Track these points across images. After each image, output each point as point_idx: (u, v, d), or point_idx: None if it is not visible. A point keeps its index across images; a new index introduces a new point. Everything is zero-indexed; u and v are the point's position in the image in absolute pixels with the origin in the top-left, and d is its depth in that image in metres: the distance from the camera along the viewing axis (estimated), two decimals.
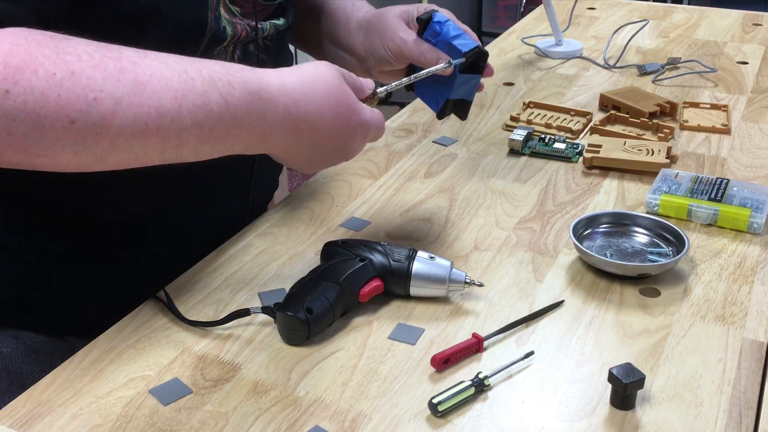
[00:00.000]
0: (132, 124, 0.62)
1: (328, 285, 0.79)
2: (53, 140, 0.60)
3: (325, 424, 0.68)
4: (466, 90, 0.92)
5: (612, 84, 1.42)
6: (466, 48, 0.89)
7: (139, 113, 0.62)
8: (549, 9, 1.54)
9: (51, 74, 0.59)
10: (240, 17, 0.86)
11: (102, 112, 0.60)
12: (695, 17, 1.80)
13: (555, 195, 1.05)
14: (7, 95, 0.57)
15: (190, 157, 0.68)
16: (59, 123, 0.59)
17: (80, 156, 0.61)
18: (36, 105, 0.58)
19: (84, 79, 0.60)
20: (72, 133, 0.60)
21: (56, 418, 0.69)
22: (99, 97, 0.60)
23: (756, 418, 0.69)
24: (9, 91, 0.57)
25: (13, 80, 0.57)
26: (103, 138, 0.61)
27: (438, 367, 0.74)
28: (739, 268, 0.90)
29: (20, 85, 0.58)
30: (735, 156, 1.16)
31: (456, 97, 0.92)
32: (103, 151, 0.62)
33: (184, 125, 0.65)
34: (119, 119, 0.61)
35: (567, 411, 0.70)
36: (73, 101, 0.59)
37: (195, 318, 0.81)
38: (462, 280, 0.82)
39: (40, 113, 0.58)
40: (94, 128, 0.60)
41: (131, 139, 0.62)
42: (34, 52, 0.59)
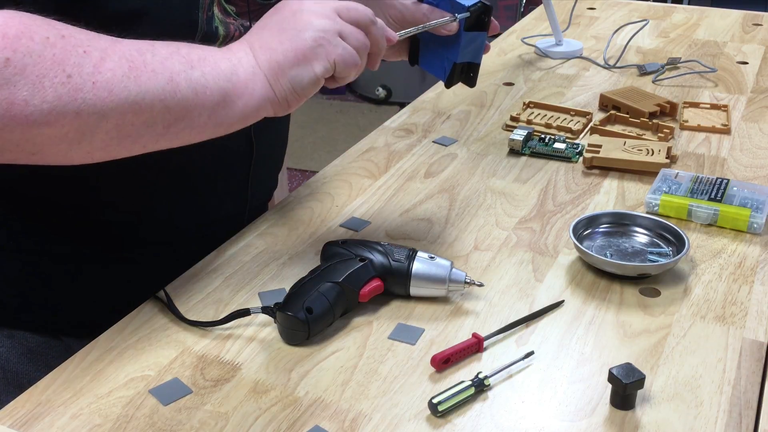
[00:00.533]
0: (120, 65, 0.66)
1: (328, 285, 0.79)
2: (53, 99, 0.62)
3: (325, 424, 0.68)
4: (473, 51, 0.89)
5: (612, 84, 1.42)
6: (469, 1, 0.86)
7: (122, 55, 0.66)
8: (549, 9, 1.54)
9: (45, 38, 0.63)
10: (235, 16, 0.86)
11: (93, 60, 0.64)
12: (695, 17, 1.80)
13: (555, 195, 1.05)
14: (8, 63, 0.60)
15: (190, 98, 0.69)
16: (58, 79, 0.62)
17: (82, 116, 0.64)
18: (34, 67, 0.62)
19: (73, 39, 0.65)
20: (70, 87, 0.63)
21: (56, 418, 0.69)
22: (88, 50, 0.65)
23: (756, 418, 0.69)
24: (9, 59, 0.61)
25: (12, 48, 0.61)
26: (100, 86, 0.64)
27: (438, 367, 0.74)
28: (739, 268, 0.90)
29: (19, 51, 0.61)
30: (735, 156, 1.16)
31: (463, 60, 0.89)
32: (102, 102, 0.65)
33: (163, 54, 0.69)
34: (108, 63, 0.65)
35: (567, 411, 0.70)
36: (66, 56, 0.63)
37: (195, 318, 0.81)
38: (462, 280, 0.82)
39: (39, 74, 0.62)
40: (89, 77, 0.64)
41: (125, 81, 0.66)
42: (27, 22, 0.63)
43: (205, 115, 0.70)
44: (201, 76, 0.70)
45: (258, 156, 0.96)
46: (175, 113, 0.69)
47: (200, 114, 0.70)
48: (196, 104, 0.69)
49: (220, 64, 0.71)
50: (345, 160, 1.15)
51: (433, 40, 0.90)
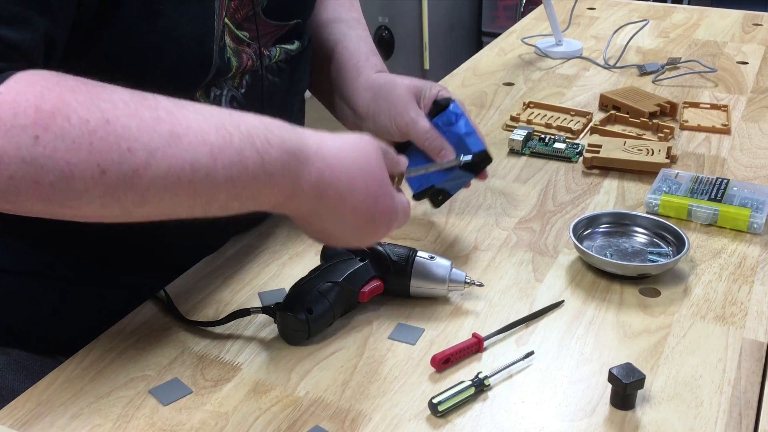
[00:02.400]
0: (165, 177, 0.59)
1: (328, 285, 0.78)
2: (81, 191, 0.57)
3: (325, 424, 0.68)
4: (454, 184, 0.92)
5: (612, 84, 1.42)
6: (476, 148, 0.89)
7: (173, 166, 0.60)
8: (549, 9, 1.54)
9: (84, 121, 0.56)
10: (248, 43, 0.85)
11: (135, 164, 0.58)
12: (695, 17, 1.80)
13: (555, 195, 1.05)
14: (37, 141, 0.55)
15: (217, 212, 0.65)
16: (89, 172, 0.56)
17: (107, 209, 0.59)
18: (66, 153, 0.56)
19: (119, 129, 0.57)
20: (101, 185, 0.57)
21: (56, 418, 0.69)
22: (133, 148, 0.58)
23: (756, 418, 0.69)
24: (39, 137, 0.55)
25: (44, 125, 0.55)
26: (134, 191, 0.59)
27: (438, 367, 0.74)
28: (739, 268, 0.90)
29: (51, 131, 0.55)
30: (735, 156, 1.16)
31: (441, 186, 0.91)
32: (132, 204, 0.60)
33: (217, 181, 0.62)
34: (152, 171, 0.59)
35: (567, 411, 0.70)
36: (105, 151, 0.57)
37: (195, 318, 0.81)
38: (462, 280, 0.82)
39: (70, 161, 0.56)
40: (125, 180, 0.58)
41: (162, 193, 0.60)
42: (67, 97, 0.57)
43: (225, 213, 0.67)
44: (239, 206, 0.65)
45: None
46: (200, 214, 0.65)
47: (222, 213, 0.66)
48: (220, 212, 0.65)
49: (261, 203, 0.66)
50: None
51: (421, 155, 0.91)
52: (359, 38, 1.03)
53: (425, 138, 0.90)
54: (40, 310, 0.87)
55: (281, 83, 0.90)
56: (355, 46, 1.01)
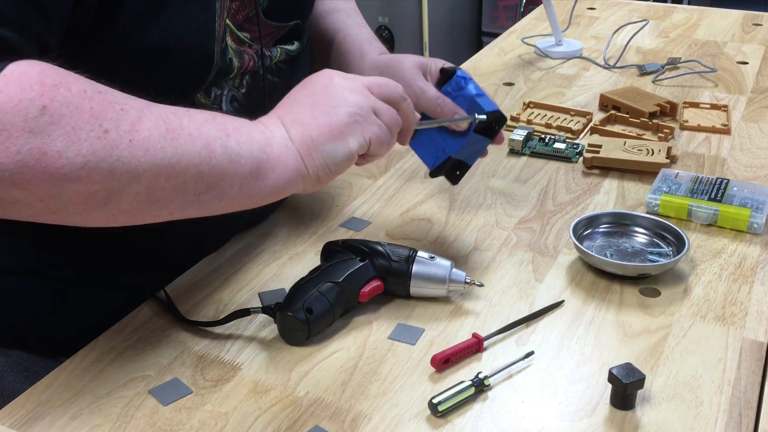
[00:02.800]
0: (157, 126, 0.64)
1: (328, 285, 0.78)
2: (87, 153, 0.60)
3: (325, 424, 0.68)
4: (471, 152, 0.89)
5: (612, 84, 1.42)
6: (490, 107, 0.87)
7: (159, 116, 0.65)
8: (549, 9, 1.54)
9: (82, 90, 0.61)
10: (249, 43, 0.85)
11: (130, 118, 0.63)
12: (695, 17, 1.80)
13: (555, 195, 1.05)
14: (44, 111, 0.58)
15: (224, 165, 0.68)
16: (94, 133, 0.60)
17: (114, 175, 0.62)
18: (71, 118, 0.59)
19: (110, 96, 0.63)
20: (106, 143, 0.61)
21: (56, 418, 0.69)
22: (125, 108, 0.63)
23: (756, 418, 0.69)
24: (46, 107, 0.58)
25: (50, 96, 0.59)
26: (136, 145, 0.63)
27: (438, 367, 0.74)
28: (739, 268, 0.90)
29: (56, 100, 0.59)
30: (735, 156, 1.16)
31: (458, 157, 0.88)
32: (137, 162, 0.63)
33: (200, 120, 0.68)
34: (145, 123, 0.64)
35: (567, 411, 0.70)
36: (103, 111, 0.61)
37: (195, 318, 0.81)
38: (462, 280, 0.82)
39: (75, 126, 0.60)
40: (125, 135, 0.62)
41: (162, 142, 0.64)
42: (63, 74, 0.61)
43: (236, 186, 0.69)
44: (236, 144, 0.68)
45: None
46: (208, 181, 0.67)
47: (232, 184, 0.69)
48: (229, 173, 0.68)
49: (254, 135, 0.70)
50: None
51: (436, 129, 0.89)
52: (359, 25, 1.04)
53: (436, 104, 0.89)
54: (40, 310, 0.87)
55: (281, 83, 0.91)
56: (356, 32, 1.02)
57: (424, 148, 0.91)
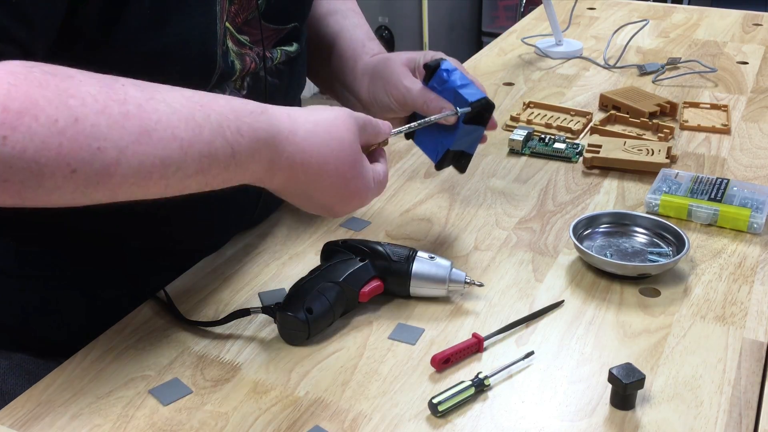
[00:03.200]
0: (135, 174, 0.60)
1: (328, 285, 0.79)
2: (51, 188, 0.57)
3: (325, 424, 0.68)
4: (468, 142, 0.90)
5: (612, 84, 1.42)
6: (473, 98, 0.87)
7: (143, 162, 0.60)
8: (549, 9, 1.54)
9: (53, 120, 0.56)
10: (249, 46, 0.85)
11: (105, 162, 0.58)
12: (695, 17, 1.80)
13: (555, 195, 1.05)
14: (5, 141, 0.54)
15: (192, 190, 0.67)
16: (59, 172, 0.57)
17: (77, 201, 0.60)
18: (36, 153, 0.55)
19: (88, 127, 0.57)
20: (72, 182, 0.58)
21: (56, 418, 0.69)
22: (102, 147, 0.58)
23: (756, 418, 0.69)
24: (7, 137, 0.54)
25: (12, 126, 0.54)
26: (104, 187, 0.59)
27: (438, 367, 0.74)
28: (739, 268, 0.90)
29: (19, 131, 0.55)
30: (735, 156, 1.16)
31: (457, 149, 0.89)
32: (103, 198, 0.61)
33: (188, 173, 0.64)
34: (122, 169, 0.59)
35: (567, 411, 0.70)
36: (75, 150, 0.57)
37: (195, 318, 0.81)
38: (462, 280, 0.82)
39: (39, 162, 0.56)
40: (95, 178, 0.58)
41: (133, 188, 0.61)
42: (34, 95, 0.56)
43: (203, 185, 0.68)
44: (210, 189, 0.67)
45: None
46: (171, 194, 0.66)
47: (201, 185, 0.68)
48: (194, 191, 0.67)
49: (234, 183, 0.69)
50: None
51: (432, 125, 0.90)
52: (355, 27, 1.04)
53: (423, 102, 0.89)
54: (39, 310, 0.87)
55: (281, 84, 0.91)
56: (351, 35, 1.02)
57: (426, 144, 0.93)
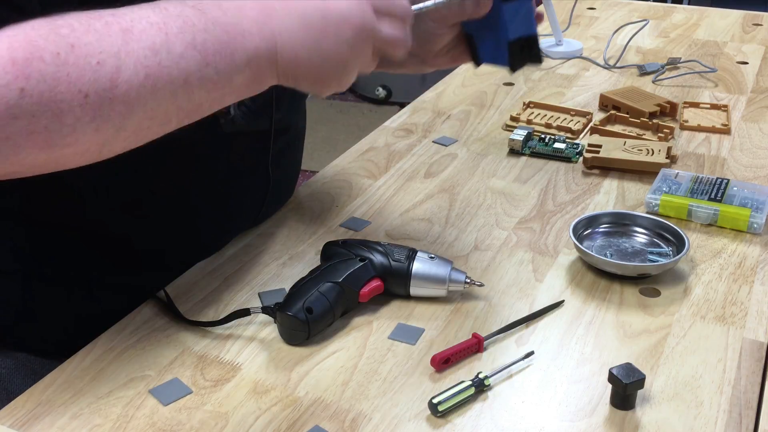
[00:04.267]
0: (136, 73, 0.61)
1: (328, 285, 0.79)
2: (73, 122, 0.59)
3: (325, 424, 0.68)
4: (523, 23, 0.82)
5: (612, 84, 1.42)
6: None
7: (137, 59, 0.61)
8: (549, 9, 1.54)
9: (55, 54, 0.58)
10: None
11: (108, 73, 0.60)
12: (695, 17, 1.80)
13: (555, 195, 1.05)
14: (23, 93, 0.56)
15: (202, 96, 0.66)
16: (75, 101, 0.59)
17: (101, 132, 0.61)
18: (51, 93, 0.57)
19: (83, 48, 0.59)
20: (89, 108, 0.59)
21: (56, 418, 0.69)
22: (101, 60, 0.60)
23: (756, 418, 0.69)
24: (24, 89, 0.56)
25: (25, 75, 0.56)
26: (118, 101, 0.61)
27: (438, 367, 0.74)
28: (739, 268, 0.90)
29: (33, 78, 0.57)
30: (735, 156, 1.16)
31: (515, 36, 0.82)
32: (121, 117, 0.62)
33: (178, 52, 0.63)
34: (123, 74, 0.61)
35: (567, 411, 0.70)
36: (81, 74, 0.59)
37: (195, 318, 0.81)
38: (462, 280, 0.82)
39: (56, 99, 0.58)
40: (105, 94, 0.60)
41: (141, 92, 0.62)
42: (32, 37, 0.58)
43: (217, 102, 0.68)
44: (215, 73, 0.65)
45: (273, 188, 0.96)
46: (188, 111, 0.66)
47: (209, 107, 0.68)
48: (207, 100, 0.67)
49: (236, 58, 0.66)
50: (345, 160, 1.15)
51: (483, 29, 0.84)
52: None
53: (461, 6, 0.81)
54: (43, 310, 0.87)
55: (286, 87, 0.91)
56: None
57: (493, 55, 0.85)
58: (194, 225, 0.90)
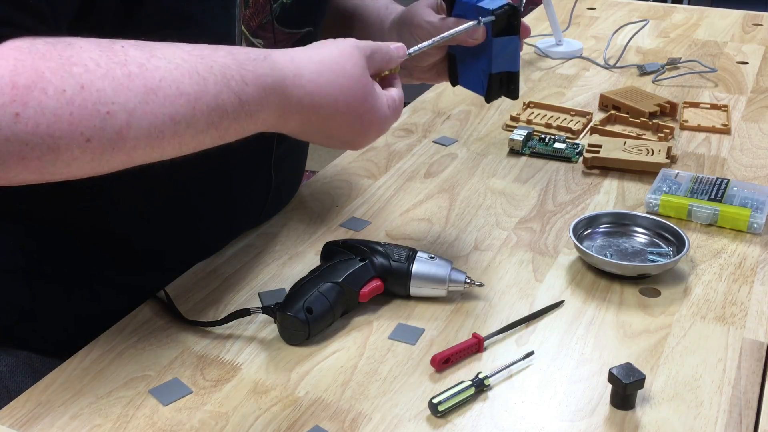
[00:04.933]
0: (147, 135, 0.60)
1: (328, 285, 0.78)
2: (69, 160, 0.58)
3: (325, 424, 0.68)
4: (508, 59, 0.84)
5: (612, 84, 1.42)
6: (494, 5, 0.82)
7: (153, 122, 0.60)
8: (549, 9, 1.54)
9: (60, 91, 0.56)
10: None
11: (116, 126, 0.58)
12: (695, 17, 1.80)
13: (555, 195, 1.05)
14: (18, 118, 0.55)
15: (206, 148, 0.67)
16: (75, 143, 0.57)
17: (96, 170, 0.60)
18: (49, 127, 0.56)
19: (94, 93, 0.57)
20: (88, 152, 0.58)
21: (56, 418, 0.69)
22: (112, 111, 0.58)
23: (756, 418, 0.69)
24: (19, 114, 0.55)
25: (23, 101, 0.55)
26: (120, 151, 0.59)
27: (438, 367, 0.74)
28: (739, 268, 0.90)
29: (30, 106, 0.55)
30: (735, 156, 1.16)
31: (499, 70, 0.84)
32: (120, 164, 0.61)
33: (199, 128, 0.63)
34: (134, 131, 0.59)
35: (567, 411, 0.70)
36: (86, 118, 0.57)
37: (195, 318, 0.81)
38: (462, 280, 0.82)
39: (54, 135, 0.56)
40: (110, 144, 0.59)
41: (147, 150, 0.61)
42: (40, 68, 0.56)
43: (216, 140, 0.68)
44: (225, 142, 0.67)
45: (275, 190, 0.96)
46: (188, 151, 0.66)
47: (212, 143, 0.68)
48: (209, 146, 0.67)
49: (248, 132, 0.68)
50: (345, 160, 1.15)
51: (468, 55, 0.86)
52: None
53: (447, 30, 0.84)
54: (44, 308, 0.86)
55: None
56: (372, 3, 1.01)
57: (471, 81, 0.88)
58: (195, 226, 0.90)
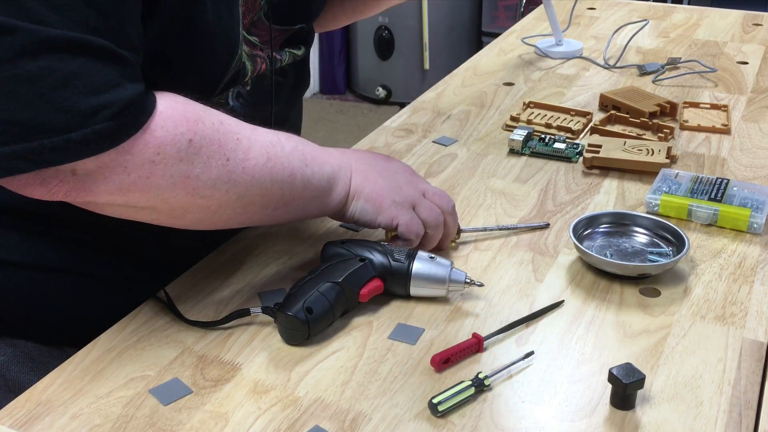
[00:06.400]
0: (261, 154, 0.76)
1: (328, 285, 0.78)
2: (215, 179, 0.72)
3: (325, 424, 0.68)
4: None
5: (612, 84, 1.42)
6: None
7: (262, 145, 0.77)
8: (549, 9, 1.54)
9: (211, 123, 0.72)
10: (260, 47, 0.87)
11: (244, 148, 0.74)
12: (695, 17, 1.80)
13: (555, 195, 1.05)
14: (191, 144, 0.70)
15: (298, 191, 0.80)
16: (220, 161, 0.72)
17: (228, 194, 0.74)
18: (207, 148, 0.71)
19: (228, 126, 0.74)
20: (225, 171, 0.73)
21: (56, 418, 0.69)
22: (240, 137, 0.74)
23: (756, 418, 0.69)
24: (192, 140, 0.70)
25: (194, 130, 0.70)
26: (246, 172, 0.74)
27: (438, 367, 0.74)
28: (739, 268, 0.90)
29: (198, 134, 0.71)
30: (735, 156, 1.16)
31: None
32: (245, 185, 0.75)
33: (288, 150, 0.79)
34: (252, 152, 0.75)
35: (567, 411, 0.70)
36: (227, 143, 0.73)
37: (195, 318, 0.81)
38: (462, 280, 0.82)
39: (209, 155, 0.71)
40: (239, 163, 0.74)
41: (263, 170, 0.76)
42: (196, 108, 0.72)
43: (302, 205, 0.81)
44: (311, 174, 0.81)
45: None
46: (286, 200, 0.79)
47: (300, 204, 0.81)
48: (301, 196, 0.80)
49: (325, 168, 0.82)
50: None
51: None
52: None
53: None
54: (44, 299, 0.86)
55: (285, 82, 0.93)
56: None
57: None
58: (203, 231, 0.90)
